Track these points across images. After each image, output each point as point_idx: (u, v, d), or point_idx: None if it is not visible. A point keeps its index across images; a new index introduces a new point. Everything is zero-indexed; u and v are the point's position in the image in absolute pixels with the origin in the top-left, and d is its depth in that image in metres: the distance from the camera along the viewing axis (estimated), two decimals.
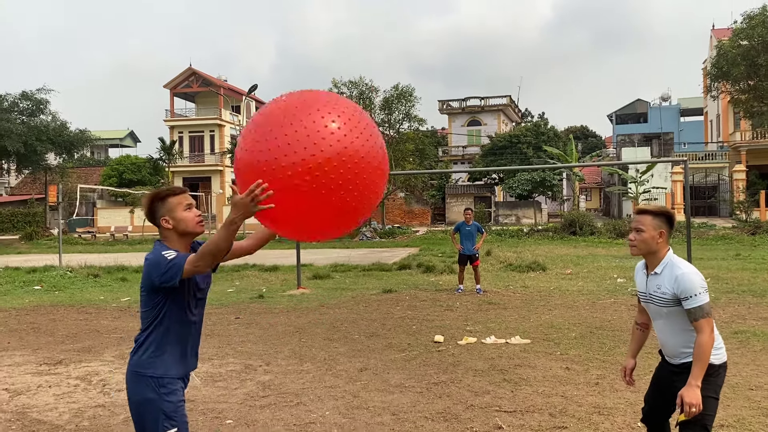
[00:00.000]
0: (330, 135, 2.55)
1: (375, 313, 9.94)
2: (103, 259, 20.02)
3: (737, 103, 33.86)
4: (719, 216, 39.39)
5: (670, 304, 3.12)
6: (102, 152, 72.59)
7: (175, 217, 2.92)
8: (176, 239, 2.94)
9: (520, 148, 42.55)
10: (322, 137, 2.53)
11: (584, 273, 14.67)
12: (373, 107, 33.52)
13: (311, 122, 2.56)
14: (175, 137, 53.28)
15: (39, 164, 36.83)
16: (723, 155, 42.86)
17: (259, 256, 20.25)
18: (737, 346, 7.25)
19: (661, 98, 61.89)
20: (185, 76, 54.50)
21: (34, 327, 9.47)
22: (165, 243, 2.93)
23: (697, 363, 3.00)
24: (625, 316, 9.19)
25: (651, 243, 3.20)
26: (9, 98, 34.91)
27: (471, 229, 12.18)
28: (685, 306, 3.05)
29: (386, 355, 7.14)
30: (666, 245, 3.23)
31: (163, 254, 2.79)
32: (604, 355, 6.96)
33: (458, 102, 56.14)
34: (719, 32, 43.89)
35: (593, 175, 60.15)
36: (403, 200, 44.51)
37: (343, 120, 2.62)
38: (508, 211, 42.38)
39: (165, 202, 2.94)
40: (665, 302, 3.14)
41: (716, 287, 11.82)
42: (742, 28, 29.28)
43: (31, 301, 12.18)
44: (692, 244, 13.21)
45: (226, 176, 52.73)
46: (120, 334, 8.81)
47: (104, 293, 13.24)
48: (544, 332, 8.19)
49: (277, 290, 12.98)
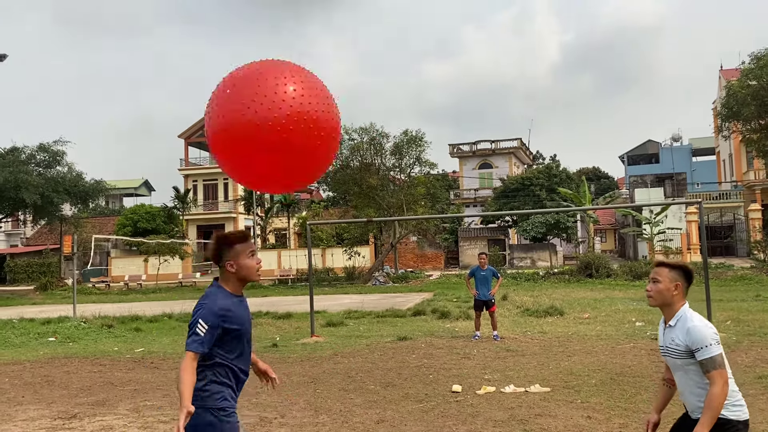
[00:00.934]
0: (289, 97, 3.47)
1: (390, 362, 9.81)
2: (117, 309, 20.03)
3: (749, 142, 33.78)
4: (737, 256, 38.91)
5: (684, 356, 3.17)
6: (117, 201, 73.39)
7: (239, 263, 3.11)
8: (235, 282, 3.15)
9: (532, 190, 42.57)
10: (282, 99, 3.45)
11: (602, 317, 14.46)
12: (384, 152, 33.77)
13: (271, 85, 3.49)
14: (189, 186, 53.85)
15: (55, 215, 37.20)
16: (737, 194, 42.57)
17: (273, 304, 20.21)
18: (762, 391, 7.05)
19: (672, 138, 61.92)
20: (200, 126, 55.30)
21: (48, 380, 9.42)
22: (223, 285, 3.14)
23: (707, 412, 3.01)
24: (645, 361, 9.01)
25: (666, 295, 3.27)
26: (27, 150, 35.53)
27: (486, 274, 12.07)
28: (697, 357, 3.09)
29: (403, 406, 7.01)
30: (682, 299, 3.28)
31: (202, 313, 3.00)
32: (625, 402, 6.79)
33: (469, 145, 56.47)
34: (727, 72, 44.16)
35: (607, 217, 59.89)
36: (415, 244, 44.42)
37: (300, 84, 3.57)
38: (523, 254, 42.12)
39: (233, 247, 3.12)
40: (679, 354, 3.19)
41: (737, 330, 11.61)
42: (750, 68, 29.42)
43: (45, 353, 12.15)
44: (711, 285, 13.02)
45: (240, 223, 53.01)
46: (134, 386, 8.73)
47: (118, 344, 13.19)
48: (563, 379, 8.03)
49: (290, 338, 12.88)
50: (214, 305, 3.01)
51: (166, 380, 9.04)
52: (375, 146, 33.41)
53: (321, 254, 39.56)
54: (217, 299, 3.04)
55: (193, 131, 55.45)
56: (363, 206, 34.47)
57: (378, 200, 33.07)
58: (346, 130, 33.43)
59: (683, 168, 54.72)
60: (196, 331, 2.95)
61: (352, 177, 33.56)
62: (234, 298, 3.12)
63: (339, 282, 32.57)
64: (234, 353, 3.11)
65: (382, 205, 32.89)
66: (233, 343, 3.09)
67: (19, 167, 32.98)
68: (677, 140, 61.91)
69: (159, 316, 17.45)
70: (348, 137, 33.42)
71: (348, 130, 33.38)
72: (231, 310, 3.05)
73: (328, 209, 49.67)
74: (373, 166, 33.56)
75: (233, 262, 3.10)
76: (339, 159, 33.96)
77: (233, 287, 3.14)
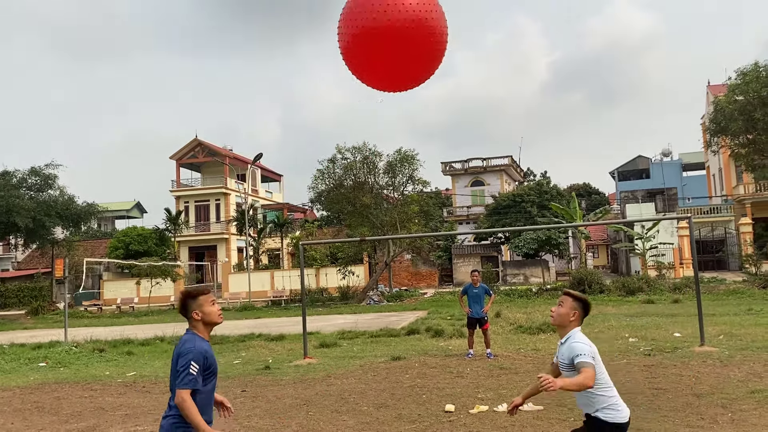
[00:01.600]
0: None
1: (384, 383, 9.77)
2: (109, 333, 19.88)
3: (738, 157, 34.09)
4: (728, 270, 39.05)
5: (569, 368, 3.77)
6: (109, 224, 73.10)
7: (203, 311, 3.78)
8: (202, 328, 3.79)
9: (524, 207, 42.71)
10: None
11: (595, 333, 14.45)
12: (377, 171, 33.86)
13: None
14: (181, 207, 53.74)
15: (47, 239, 37.02)
16: (728, 209, 42.83)
17: (266, 325, 20.11)
18: (754, 406, 7.06)
19: (662, 154, 62.50)
20: (191, 147, 55.43)
21: (38, 406, 9.33)
22: (194, 331, 3.77)
23: (567, 381, 3.59)
24: (639, 377, 9.01)
25: (565, 318, 3.92)
26: (18, 174, 35.45)
27: (479, 292, 12.07)
28: (575, 362, 3.68)
29: (396, 427, 6.98)
30: (577, 324, 3.92)
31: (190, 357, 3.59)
32: None
33: (461, 163, 56.72)
34: (715, 88, 44.66)
35: (599, 232, 60.08)
36: (409, 262, 44.38)
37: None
38: (515, 270, 42.15)
39: (196, 299, 3.80)
40: (566, 367, 3.81)
41: (730, 344, 11.63)
42: (736, 84, 29.78)
43: (35, 379, 12.04)
44: (703, 300, 13.06)
45: (232, 244, 52.86)
46: (125, 411, 8.66)
47: (110, 368, 13.08)
48: (557, 397, 8.00)
49: (283, 360, 12.80)
50: (200, 349, 3.64)
51: (158, 405, 8.97)
52: (368, 165, 33.49)
53: (315, 274, 39.45)
54: (197, 344, 3.67)
55: (184, 153, 55.47)
56: (356, 225, 34.45)
57: (371, 219, 33.07)
58: (339, 150, 33.59)
59: (674, 183, 55.08)
60: (189, 372, 3.55)
61: (345, 196, 33.59)
62: (206, 342, 3.77)
63: (333, 302, 32.44)
64: (209, 385, 3.72)
65: (376, 224, 32.89)
66: (209, 378, 3.71)
67: (10, 191, 32.89)
68: (667, 155, 62.47)
69: (151, 340, 17.33)
70: (341, 156, 33.54)
71: (341, 149, 33.51)
72: (209, 352, 3.71)
73: (321, 228, 49.61)
74: (366, 184, 33.62)
75: (198, 311, 3.76)
76: (332, 178, 34.05)
77: (203, 332, 3.79)
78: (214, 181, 55.37)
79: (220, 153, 55.61)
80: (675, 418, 6.75)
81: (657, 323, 15.67)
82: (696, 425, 6.42)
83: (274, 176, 66.05)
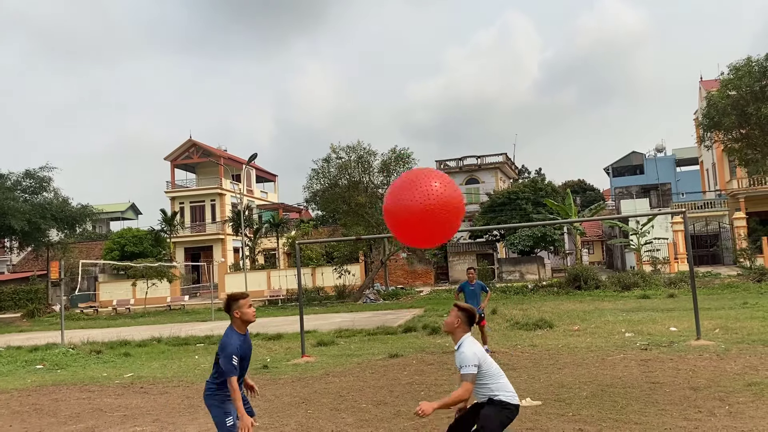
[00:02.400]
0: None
1: (382, 380, 9.79)
2: (106, 334, 19.85)
3: (731, 151, 34.17)
4: (723, 264, 39.23)
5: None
6: (104, 226, 72.85)
7: (242, 311, 4.87)
8: (240, 324, 4.88)
9: (519, 204, 42.76)
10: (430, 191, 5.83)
11: (592, 329, 14.51)
12: (372, 170, 33.87)
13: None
14: (176, 208, 53.63)
15: (42, 241, 36.92)
16: (722, 203, 43.01)
17: (263, 325, 20.10)
18: (751, 398, 7.11)
19: (656, 149, 62.66)
20: (185, 148, 55.28)
21: (36, 408, 9.32)
22: (233, 326, 4.87)
23: (445, 398, 4.47)
24: (635, 372, 9.05)
25: (450, 325, 4.73)
26: (12, 177, 35.33)
27: (475, 289, 12.12)
28: (460, 372, 4.50)
29: (395, 424, 7.01)
30: (463, 332, 4.66)
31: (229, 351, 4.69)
32: (617, 414, 6.82)
33: (455, 161, 56.77)
34: (707, 83, 44.79)
35: (594, 229, 60.24)
36: (405, 261, 44.41)
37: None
38: (511, 268, 42.23)
39: (237, 301, 4.87)
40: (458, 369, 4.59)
41: (726, 338, 11.69)
42: (729, 79, 29.83)
43: (33, 381, 12.02)
44: (698, 294, 13.12)
45: (228, 244, 52.77)
46: (124, 412, 8.66)
47: (107, 369, 13.07)
48: (554, 392, 8.06)
49: (281, 359, 12.82)
50: (236, 343, 4.72)
51: (156, 405, 8.98)
52: (363, 164, 33.50)
53: (311, 273, 39.46)
54: (232, 339, 4.74)
55: (178, 154, 55.32)
56: (352, 224, 34.44)
57: (367, 218, 33.08)
58: (334, 149, 33.57)
59: (668, 178, 55.27)
60: (232, 362, 4.64)
61: (340, 195, 33.60)
62: (241, 336, 4.84)
63: (330, 301, 32.46)
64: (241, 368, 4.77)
65: (371, 223, 32.89)
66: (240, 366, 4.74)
67: (5, 194, 32.78)
68: (661, 151, 62.66)
69: (148, 341, 17.31)
70: (336, 156, 33.53)
71: (335, 148, 33.50)
72: (242, 346, 4.78)
73: (317, 228, 49.58)
74: (361, 183, 33.62)
75: (238, 311, 4.85)
76: (327, 178, 34.04)
77: (240, 327, 4.88)
78: (209, 181, 55.25)
79: (215, 153, 55.51)
80: (672, 411, 6.79)
81: (653, 318, 15.73)
82: (693, 418, 6.46)
83: (269, 176, 65.99)
